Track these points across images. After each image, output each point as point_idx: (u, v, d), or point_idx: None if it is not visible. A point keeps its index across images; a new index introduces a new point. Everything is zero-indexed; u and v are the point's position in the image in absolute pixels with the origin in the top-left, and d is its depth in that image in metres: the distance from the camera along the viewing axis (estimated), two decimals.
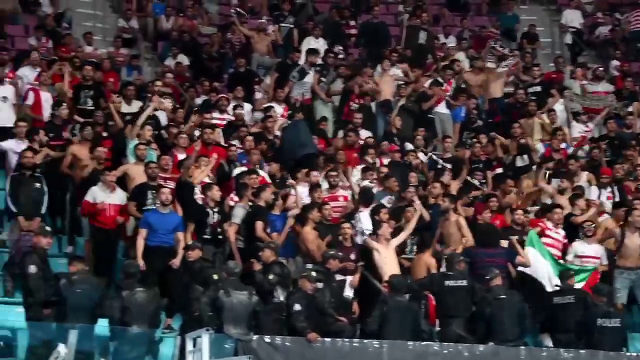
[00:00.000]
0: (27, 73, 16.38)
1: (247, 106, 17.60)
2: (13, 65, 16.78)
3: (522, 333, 12.03)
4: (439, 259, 13.11)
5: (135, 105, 16.47)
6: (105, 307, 10.73)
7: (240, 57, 19.75)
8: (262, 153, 15.09)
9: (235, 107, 16.78)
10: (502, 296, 12.02)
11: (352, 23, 22.00)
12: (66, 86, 16.14)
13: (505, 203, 14.58)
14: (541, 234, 13.84)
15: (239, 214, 13.07)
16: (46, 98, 15.58)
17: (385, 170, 15.03)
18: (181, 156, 14.19)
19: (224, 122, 16.50)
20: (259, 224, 12.91)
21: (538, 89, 19.22)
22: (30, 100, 15.67)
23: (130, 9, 22.09)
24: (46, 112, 15.32)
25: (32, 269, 10.98)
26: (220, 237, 12.82)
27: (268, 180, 14.18)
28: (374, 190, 14.33)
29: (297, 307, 11.25)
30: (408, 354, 11.49)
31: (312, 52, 18.87)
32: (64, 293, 10.56)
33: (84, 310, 10.59)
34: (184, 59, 20.01)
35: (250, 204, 13.22)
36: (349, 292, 12.69)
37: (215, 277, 11.50)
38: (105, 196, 12.87)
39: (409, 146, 16.51)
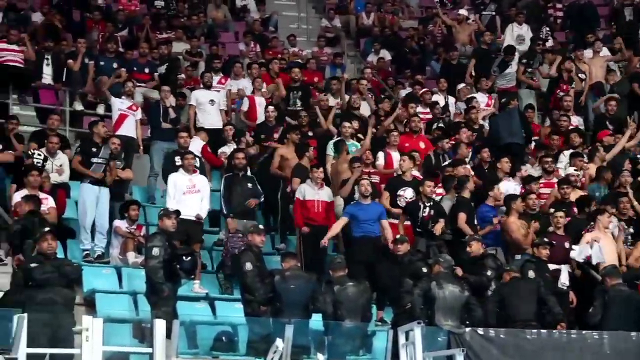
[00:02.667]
0: (246, 85, 16.92)
1: (451, 98, 17.54)
2: (225, 71, 17.41)
3: None
4: None
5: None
6: (318, 301, 10.92)
7: (444, 48, 19.69)
8: (469, 144, 14.97)
9: (431, 107, 16.75)
10: None
11: (558, 5, 21.38)
12: (280, 87, 16.56)
13: None
14: None
15: (446, 207, 13.04)
16: (260, 102, 16.03)
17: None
18: (394, 154, 14.26)
19: (428, 116, 16.47)
20: (462, 216, 12.80)
21: None
22: (245, 106, 16.21)
23: (333, 8, 22.47)
24: (260, 116, 15.76)
25: (248, 266, 11.33)
26: (432, 230, 12.81)
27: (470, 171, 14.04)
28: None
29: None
30: (632, 345, 10.99)
31: (509, 50, 18.52)
32: (278, 289, 10.82)
33: (298, 305, 10.78)
34: (386, 54, 20.14)
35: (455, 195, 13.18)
36: (564, 281, 12.34)
37: (425, 269, 11.49)
38: (313, 193, 13.13)
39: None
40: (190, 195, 12.57)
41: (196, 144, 14.13)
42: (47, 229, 10.17)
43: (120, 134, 14.29)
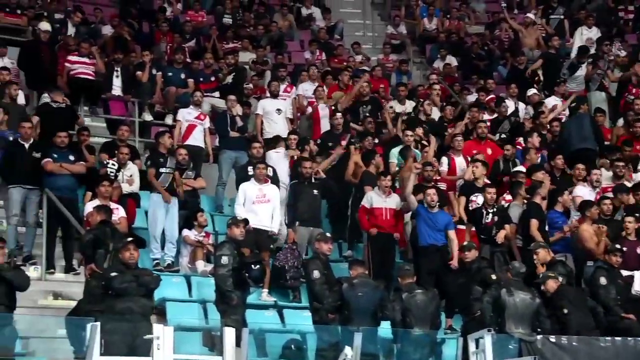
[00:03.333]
0: (307, 87, 17.01)
1: (522, 104, 17.38)
2: (291, 79, 17.50)
3: None
4: None
5: (409, 105, 16.71)
6: (387, 309, 10.88)
7: (511, 53, 19.54)
8: (539, 148, 14.84)
9: (497, 105, 16.59)
10: None
11: (630, 8, 21.06)
12: (347, 97, 16.58)
13: None
14: None
15: (514, 213, 12.91)
16: (323, 108, 16.06)
17: None
18: (458, 159, 14.18)
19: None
20: (534, 223, 12.65)
21: None
22: (309, 111, 16.28)
23: (399, 15, 22.45)
24: (325, 124, 15.76)
25: (316, 274, 11.36)
26: (495, 237, 12.69)
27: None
28: None
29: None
30: None
31: (583, 50, 18.27)
32: (346, 297, 10.81)
33: (366, 313, 10.74)
34: (452, 60, 20.05)
35: (524, 201, 13.03)
36: (638, 288, 12.12)
37: (494, 277, 11.38)
38: (381, 201, 13.10)
39: None
40: (260, 204, 12.63)
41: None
42: (130, 239, 10.31)
43: (188, 143, 14.44)
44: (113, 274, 9.94)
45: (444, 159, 14.29)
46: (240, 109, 15.64)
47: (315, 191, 13.07)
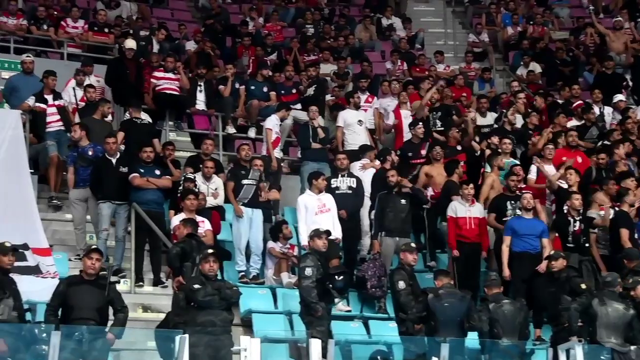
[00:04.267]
0: (389, 103, 16.92)
1: (608, 109, 17.06)
2: (371, 90, 17.48)
3: None
4: None
5: (490, 117, 16.55)
6: (474, 319, 10.76)
7: (597, 58, 19.21)
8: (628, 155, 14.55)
9: (584, 111, 16.30)
10: None
11: None
12: (424, 105, 16.49)
13: None
14: None
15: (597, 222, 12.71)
16: (406, 116, 15.98)
17: None
18: (548, 167, 13.98)
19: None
20: (625, 232, 12.38)
21: None
22: (390, 121, 16.18)
23: (480, 22, 22.27)
24: (407, 133, 15.71)
25: (401, 285, 11.30)
26: (585, 245, 12.46)
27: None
28: None
29: None
30: None
31: None
32: (432, 307, 10.72)
33: (453, 323, 10.64)
34: (536, 67, 19.78)
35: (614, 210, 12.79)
36: None
37: (584, 286, 11.16)
38: (464, 210, 12.98)
39: None
40: (322, 215, 12.65)
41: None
42: (210, 250, 10.41)
43: (265, 155, 14.55)
44: (196, 286, 10.04)
45: (533, 168, 14.09)
46: (322, 120, 15.68)
47: (403, 201, 12.99)
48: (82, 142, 13.29)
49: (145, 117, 14.76)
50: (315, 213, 12.62)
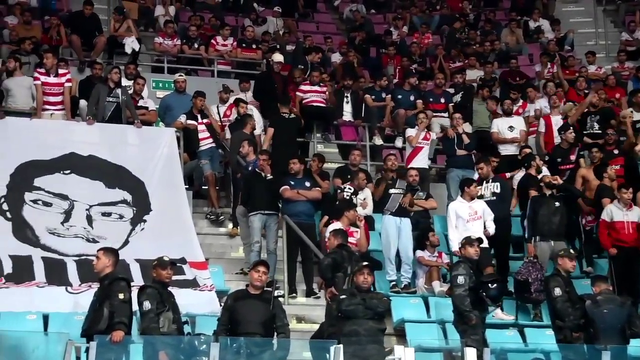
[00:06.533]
0: (544, 104, 16.64)
1: None
2: (521, 94, 17.19)
3: None
4: None
5: None
6: (636, 326, 10.37)
7: None
8: None
9: None
10: None
11: None
12: (577, 109, 16.09)
13: None
14: None
15: None
16: (556, 122, 15.66)
17: None
18: None
19: None
20: None
21: None
22: (542, 128, 15.91)
23: (634, 20, 21.58)
24: (557, 137, 15.40)
25: (557, 291, 11.00)
26: None
27: None
28: None
29: None
30: None
31: None
32: (591, 314, 10.41)
33: (613, 330, 10.29)
34: None
35: None
36: None
37: None
38: (622, 214, 12.58)
39: None
40: (473, 222, 12.53)
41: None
42: (364, 263, 10.46)
43: (414, 166, 14.49)
44: (342, 296, 10.10)
45: None
46: (469, 126, 15.52)
47: (557, 203, 12.72)
48: (249, 158, 13.56)
49: (291, 112, 14.99)
50: (466, 220, 12.51)
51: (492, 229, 12.56)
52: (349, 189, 13.39)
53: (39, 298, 11.17)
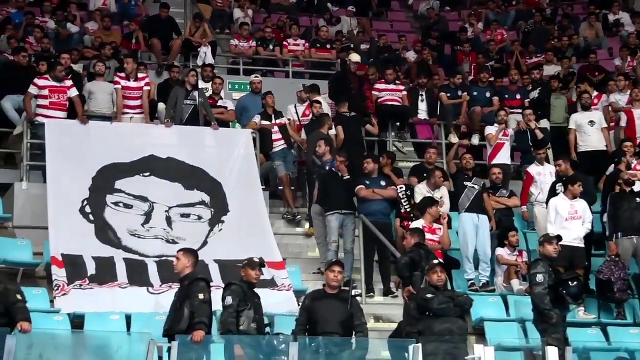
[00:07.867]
0: (619, 97, 16.37)
1: None
2: (598, 89, 16.91)
3: None
4: None
5: None
6: None
7: None
8: None
9: None
10: None
11: None
12: None
13: None
14: None
15: None
16: (638, 116, 15.41)
17: None
18: None
19: None
20: None
21: None
22: (623, 122, 15.65)
23: None
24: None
25: None
26: None
27: None
28: None
29: None
30: None
31: None
32: None
33: None
34: None
35: None
36: None
37: None
38: None
39: None
40: (572, 221, 12.33)
41: None
42: (435, 261, 10.44)
43: (496, 162, 14.36)
44: (429, 295, 10.08)
45: None
46: (547, 122, 15.32)
47: (638, 199, 12.50)
48: (325, 157, 13.61)
49: (350, 110, 15.01)
50: (565, 218, 12.35)
51: (585, 231, 12.36)
52: (401, 187, 13.30)
53: (121, 298, 11.37)
